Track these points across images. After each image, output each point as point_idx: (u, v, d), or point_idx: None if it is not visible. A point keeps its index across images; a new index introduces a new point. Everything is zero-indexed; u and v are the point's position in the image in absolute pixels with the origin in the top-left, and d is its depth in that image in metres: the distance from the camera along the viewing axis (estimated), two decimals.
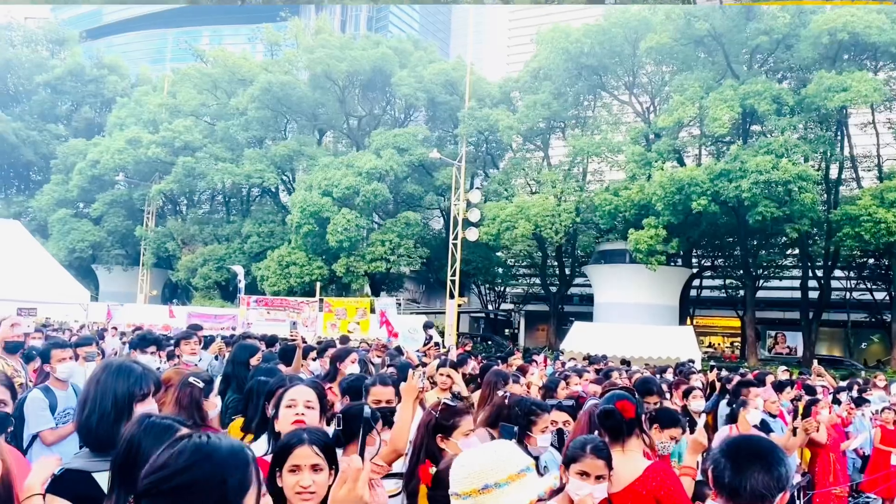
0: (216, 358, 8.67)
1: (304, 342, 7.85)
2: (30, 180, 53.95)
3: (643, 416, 3.84)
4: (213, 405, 4.50)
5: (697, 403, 6.95)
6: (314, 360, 8.18)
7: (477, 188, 36.08)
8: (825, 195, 33.12)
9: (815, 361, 18.83)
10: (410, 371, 3.90)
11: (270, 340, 11.40)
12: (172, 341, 10.17)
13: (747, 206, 28.86)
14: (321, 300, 25.81)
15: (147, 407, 2.85)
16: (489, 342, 41.24)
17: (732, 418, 6.26)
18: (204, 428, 4.17)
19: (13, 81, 52.14)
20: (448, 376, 6.18)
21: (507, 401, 4.37)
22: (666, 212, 29.62)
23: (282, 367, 6.46)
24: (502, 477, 1.92)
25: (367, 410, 2.59)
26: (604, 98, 39.44)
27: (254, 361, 5.91)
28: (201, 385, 4.22)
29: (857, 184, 34.70)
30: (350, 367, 6.07)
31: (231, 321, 26.04)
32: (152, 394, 2.96)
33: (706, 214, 29.47)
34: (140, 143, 41.63)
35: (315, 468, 2.54)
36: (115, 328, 23.28)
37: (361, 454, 1.96)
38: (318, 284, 32.12)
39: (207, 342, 9.62)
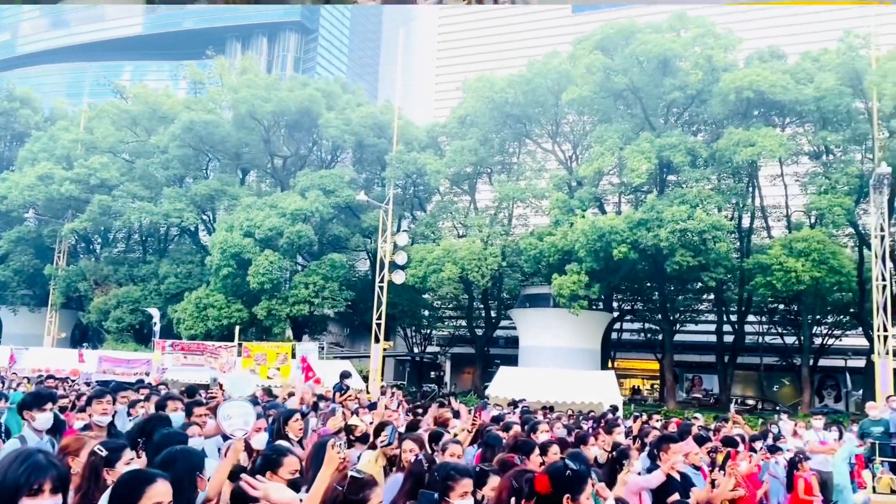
0: (128, 414, 8.17)
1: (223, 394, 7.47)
2: None
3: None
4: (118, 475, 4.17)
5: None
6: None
7: (404, 231, 36.00)
8: (738, 244, 34.47)
9: (733, 409, 19.28)
10: (330, 441, 3.67)
11: (190, 391, 10.95)
12: (81, 396, 9.61)
13: (665, 254, 29.76)
14: (240, 344, 25.06)
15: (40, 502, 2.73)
16: (418, 391, 40.84)
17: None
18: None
19: None
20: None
21: (423, 466, 4.18)
22: (588, 258, 30.21)
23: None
24: None
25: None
26: (528, 145, 40.20)
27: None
28: (104, 454, 4.04)
29: (768, 233, 36.17)
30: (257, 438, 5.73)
31: (145, 366, 24.97)
32: (53, 490, 2.79)
33: (626, 261, 30.17)
34: (52, 179, 39.90)
35: None
36: (16, 374, 21.92)
37: None
38: (238, 328, 31.19)
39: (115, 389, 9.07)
